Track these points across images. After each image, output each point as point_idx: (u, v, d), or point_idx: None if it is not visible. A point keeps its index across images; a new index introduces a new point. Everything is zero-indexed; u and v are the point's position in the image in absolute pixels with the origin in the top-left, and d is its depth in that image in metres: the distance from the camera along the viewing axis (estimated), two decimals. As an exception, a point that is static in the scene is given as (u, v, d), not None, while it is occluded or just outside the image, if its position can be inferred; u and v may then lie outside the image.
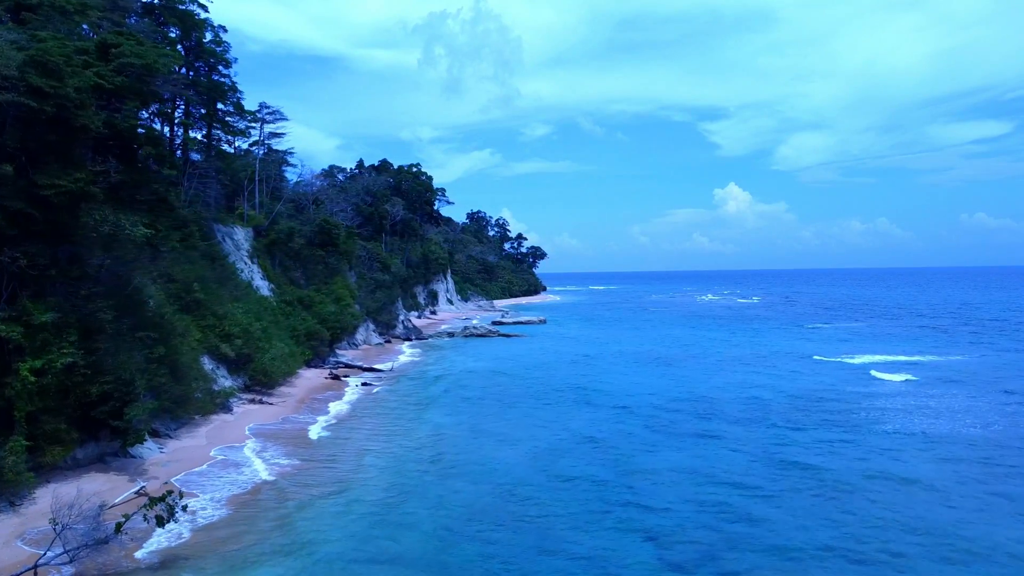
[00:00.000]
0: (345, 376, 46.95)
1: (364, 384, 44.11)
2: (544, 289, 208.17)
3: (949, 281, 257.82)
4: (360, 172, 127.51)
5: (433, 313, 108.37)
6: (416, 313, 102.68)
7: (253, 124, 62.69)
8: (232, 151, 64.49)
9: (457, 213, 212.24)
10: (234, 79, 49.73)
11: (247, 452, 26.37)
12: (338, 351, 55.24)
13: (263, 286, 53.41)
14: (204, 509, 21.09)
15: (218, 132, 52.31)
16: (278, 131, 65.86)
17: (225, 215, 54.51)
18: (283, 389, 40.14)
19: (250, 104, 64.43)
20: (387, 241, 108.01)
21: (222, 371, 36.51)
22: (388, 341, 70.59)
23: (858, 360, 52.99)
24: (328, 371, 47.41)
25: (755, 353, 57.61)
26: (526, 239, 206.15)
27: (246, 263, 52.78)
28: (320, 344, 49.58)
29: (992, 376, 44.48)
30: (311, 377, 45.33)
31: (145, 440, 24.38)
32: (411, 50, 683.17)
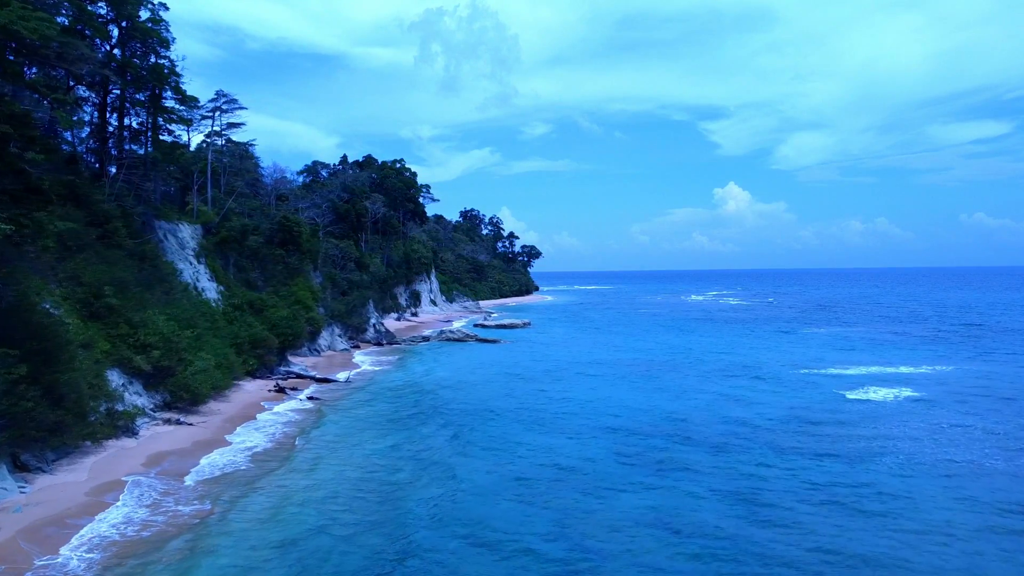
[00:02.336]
0: (292, 389, 42.68)
1: (310, 398, 39.84)
2: (536, 289, 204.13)
3: (949, 282, 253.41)
4: (343, 168, 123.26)
5: (414, 315, 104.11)
6: (395, 315, 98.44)
7: (208, 115, 58.49)
8: (185, 142, 60.30)
9: (451, 211, 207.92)
10: (175, 61, 45.29)
11: (123, 497, 22.05)
12: (292, 360, 50.93)
13: (210, 288, 49.14)
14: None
15: (161, 121, 47.83)
16: (236, 121, 61.68)
17: (170, 210, 50.24)
18: (213, 405, 35.85)
19: (207, 93, 60.26)
20: (368, 240, 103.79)
21: (136, 387, 32.22)
22: (357, 346, 66.34)
23: (853, 371, 48.74)
24: (275, 383, 43.13)
25: (739, 363, 53.32)
26: (518, 238, 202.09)
27: (191, 263, 48.51)
28: (268, 353, 45.25)
29: (1008, 391, 40.25)
30: (252, 390, 41.05)
31: (-11, 481, 20.10)
32: (409, 48, 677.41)
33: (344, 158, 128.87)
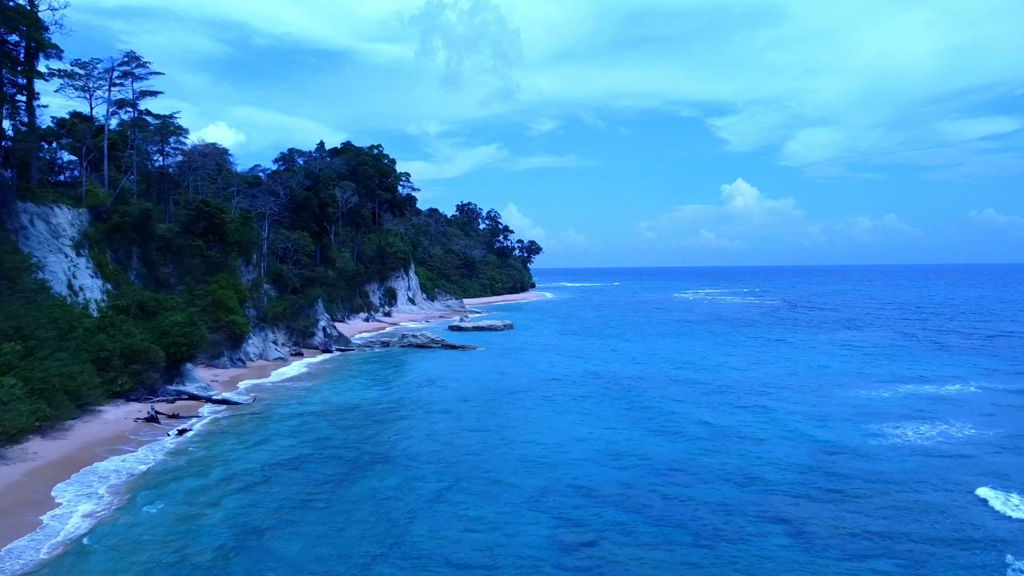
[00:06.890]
0: (173, 416, 33.41)
1: (179, 432, 30.55)
2: (533, 286, 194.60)
3: (960, 279, 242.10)
4: (320, 155, 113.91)
5: (387, 315, 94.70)
6: (365, 315, 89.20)
7: (105, 79, 49.07)
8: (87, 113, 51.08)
9: (448, 206, 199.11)
10: (54, 8, 36.12)
11: None
12: (200, 375, 41.50)
13: (93, 286, 39.98)
14: None
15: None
16: (151, 89, 52.41)
17: (44, 191, 41.00)
18: (35, 445, 26.55)
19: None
20: (338, 232, 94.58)
21: None
22: (299, 353, 56.96)
23: (885, 393, 39.20)
24: (150, 407, 33.82)
25: (736, 381, 43.59)
26: (512, 232, 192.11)
27: (67, 255, 39.34)
28: (149, 368, 35.89)
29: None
30: (114, 419, 31.75)
31: None
32: (414, 43, 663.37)
33: (321, 144, 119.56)
